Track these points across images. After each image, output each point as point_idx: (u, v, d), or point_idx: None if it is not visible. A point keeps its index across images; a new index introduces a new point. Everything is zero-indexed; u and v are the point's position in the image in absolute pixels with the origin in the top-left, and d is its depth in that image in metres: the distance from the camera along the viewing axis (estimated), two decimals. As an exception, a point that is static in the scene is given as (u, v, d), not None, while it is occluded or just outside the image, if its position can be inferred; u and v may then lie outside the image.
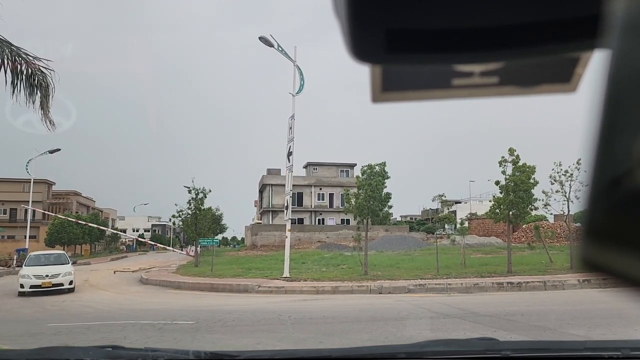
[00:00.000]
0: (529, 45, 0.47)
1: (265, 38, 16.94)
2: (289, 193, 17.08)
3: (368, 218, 16.46)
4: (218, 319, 9.27)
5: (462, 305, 10.34)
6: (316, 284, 14.43)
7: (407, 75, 0.56)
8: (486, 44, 0.47)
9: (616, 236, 0.35)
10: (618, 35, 0.36)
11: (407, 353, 2.16)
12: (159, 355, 2.18)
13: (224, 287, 15.26)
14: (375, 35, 0.46)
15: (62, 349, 2.55)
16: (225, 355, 2.21)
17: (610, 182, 0.35)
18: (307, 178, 53.30)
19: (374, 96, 0.56)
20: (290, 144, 17.10)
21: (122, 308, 12.00)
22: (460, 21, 0.46)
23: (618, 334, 7.32)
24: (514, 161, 16.11)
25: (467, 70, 0.53)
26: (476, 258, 22.05)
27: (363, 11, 0.45)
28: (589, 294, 11.68)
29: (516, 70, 0.54)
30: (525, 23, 0.45)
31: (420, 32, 0.47)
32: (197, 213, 24.29)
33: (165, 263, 31.00)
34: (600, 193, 0.36)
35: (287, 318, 9.27)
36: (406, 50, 0.48)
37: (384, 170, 16.66)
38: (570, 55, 0.50)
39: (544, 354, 2.25)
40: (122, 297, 14.60)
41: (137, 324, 9.16)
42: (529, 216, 18.64)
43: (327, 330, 8.09)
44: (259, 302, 12.31)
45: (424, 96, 0.56)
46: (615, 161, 0.35)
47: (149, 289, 16.62)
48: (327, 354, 2.36)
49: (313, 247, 38.45)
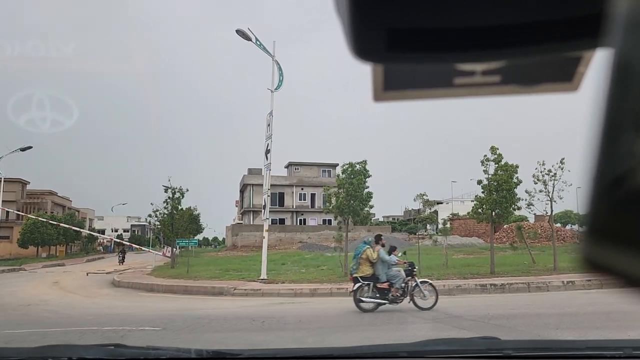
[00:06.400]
0: (531, 44, 0.46)
1: (242, 31, 16.34)
2: (266, 192, 16.51)
3: (348, 218, 15.98)
4: (187, 325, 8.70)
5: (444, 309, 9.92)
6: (294, 286, 13.92)
7: (409, 74, 0.55)
8: (488, 43, 0.47)
9: (619, 236, 0.36)
10: (620, 34, 0.37)
11: (409, 352, 2.17)
12: (160, 353, 2.21)
13: (198, 290, 14.66)
14: (377, 34, 0.46)
15: (64, 347, 2.51)
16: (227, 354, 2.25)
17: (613, 181, 0.35)
18: (289, 178, 52.78)
19: (376, 95, 0.55)
20: (269, 142, 16.53)
21: (87, 313, 11.32)
22: (462, 20, 0.45)
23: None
24: (496, 160, 15.80)
25: (469, 69, 0.52)
26: (458, 259, 21.77)
27: (365, 10, 0.44)
28: (575, 296, 11.38)
29: (518, 69, 0.53)
30: (528, 22, 0.45)
31: (422, 31, 0.47)
32: (173, 213, 23.59)
33: (142, 264, 30.24)
34: (603, 192, 0.36)
35: (261, 324, 8.73)
36: (408, 49, 0.47)
37: (364, 168, 16.21)
38: (572, 54, 0.50)
39: (546, 353, 2.23)
40: (90, 301, 13.89)
41: (99, 330, 8.54)
42: (512, 216, 18.37)
43: (301, 337, 7.59)
44: (233, 305, 11.75)
45: (426, 95, 0.55)
46: (618, 160, 0.35)
47: (120, 292, 15.91)
48: (329, 352, 2.37)
49: (294, 248, 37.93)
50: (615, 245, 0.35)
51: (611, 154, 0.35)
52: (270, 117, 16.80)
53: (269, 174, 17.02)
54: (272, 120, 16.71)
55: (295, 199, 52.01)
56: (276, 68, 16.95)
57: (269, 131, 16.72)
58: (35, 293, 15.64)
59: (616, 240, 0.35)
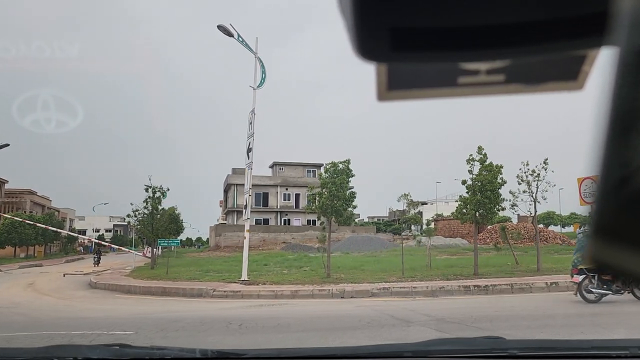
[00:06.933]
0: (536, 42, 0.46)
1: (224, 27, 15.96)
2: (248, 192, 16.17)
3: (331, 218, 15.71)
4: (161, 328, 8.35)
5: (427, 311, 9.71)
6: (275, 288, 13.61)
7: (413, 73, 0.55)
8: (492, 41, 0.46)
9: (625, 235, 0.36)
10: (625, 32, 0.37)
11: (413, 352, 2.16)
12: (165, 353, 2.21)
13: (176, 291, 14.27)
14: (380, 34, 0.46)
15: (69, 347, 2.51)
16: (231, 354, 2.24)
17: (619, 180, 0.36)
18: (273, 178, 52.42)
19: (380, 95, 0.55)
20: (250, 140, 16.17)
21: (58, 316, 10.89)
22: (466, 19, 0.45)
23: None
24: (481, 160, 15.66)
25: (473, 68, 0.52)
26: (442, 259, 21.65)
27: (369, 10, 0.44)
28: (558, 298, 11.25)
29: (523, 68, 0.53)
30: (532, 20, 0.45)
31: (426, 30, 0.46)
32: (154, 212, 23.10)
33: (122, 265, 29.70)
34: (609, 191, 0.36)
35: (237, 327, 8.41)
36: (412, 48, 0.47)
37: (348, 168, 15.94)
38: (577, 52, 0.50)
39: (551, 352, 2.22)
40: (63, 303, 13.42)
41: (67, 335, 8.14)
42: (496, 217, 18.28)
43: (279, 341, 7.30)
44: (211, 308, 11.41)
45: (430, 94, 0.55)
46: (624, 159, 0.36)
47: (96, 294, 15.45)
48: (333, 352, 2.37)
49: (278, 248, 37.60)
50: (621, 244, 0.35)
51: (617, 153, 0.35)
52: (253, 115, 16.46)
53: (251, 173, 16.67)
54: (255, 118, 16.38)
55: (280, 199, 51.64)
56: (259, 65, 16.63)
57: (251, 129, 16.37)
58: (7, 295, 15.11)
59: (622, 239, 0.35)
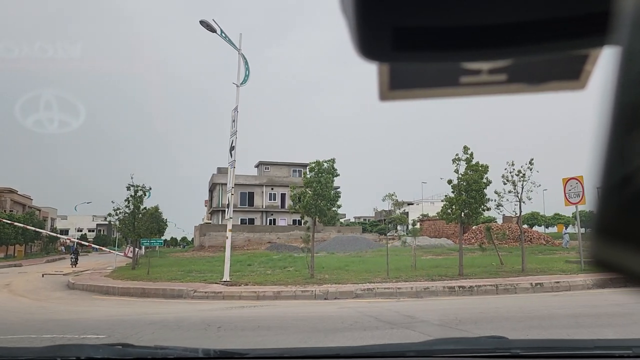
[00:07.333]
0: (538, 42, 0.46)
1: (207, 22, 15.63)
2: (230, 191, 15.83)
3: (315, 217, 15.45)
4: (136, 332, 8.05)
5: (411, 312, 9.52)
6: (257, 289, 13.33)
7: (415, 73, 0.55)
8: (494, 41, 0.46)
9: (627, 235, 0.36)
10: (628, 32, 0.37)
11: (417, 351, 2.17)
12: (168, 352, 2.21)
13: (156, 293, 13.93)
14: (382, 34, 0.46)
15: (72, 346, 2.51)
16: (234, 354, 2.23)
17: (621, 180, 0.35)
18: (259, 177, 52.02)
19: (382, 94, 0.55)
20: (233, 138, 15.85)
21: (31, 319, 10.49)
22: (468, 18, 0.45)
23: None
24: (467, 160, 15.54)
25: (475, 67, 0.52)
26: (427, 260, 21.55)
27: (370, 9, 0.44)
28: (543, 299, 11.15)
29: (525, 67, 0.53)
30: (534, 20, 0.45)
31: (428, 30, 0.46)
32: (135, 212, 22.64)
33: (103, 265, 29.18)
34: (611, 191, 0.36)
35: (216, 329, 8.14)
36: (414, 48, 0.47)
37: (332, 167, 15.69)
38: (579, 52, 0.50)
39: (554, 352, 2.22)
40: (38, 304, 13.00)
41: (37, 338, 7.81)
42: (481, 217, 18.19)
43: (258, 345, 7.04)
44: (191, 309, 11.10)
45: (432, 94, 0.55)
46: (626, 159, 0.36)
47: (73, 295, 15.03)
48: (337, 352, 2.37)
49: (263, 248, 37.26)
50: (624, 244, 0.35)
51: (619, 153, 0.35)
52: (236, 112, 16.14)
53: (234, 171, 16.35)
54: (237, 115, 16.07)
55: (265, 199, 51.26)
56: (242, 62, 16.32)
57: (234, 127, 16.05)
58: (-19, 296, 14.65)
59: (625, 239, 0.35)
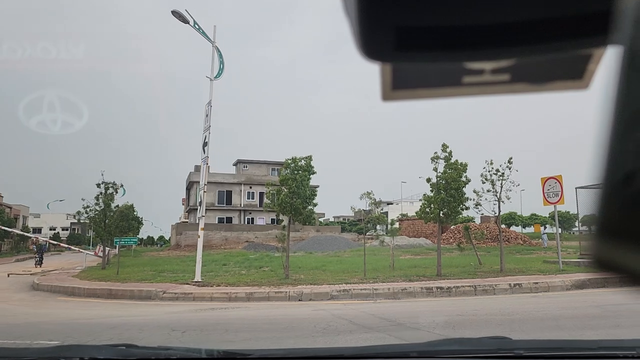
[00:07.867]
0: (541, 42, 0.46)
1: (179, 13, 15.02)
2: (203, 187, 15.30)
3: (290, 216, 15.00)
4: (93, 337, 7.50)
5: (387, 315, 9.16)
6: (229, 290, 12.83)
7: (418, 73, 0.55)
8: (497, 41, 0.46)
9: (629, 234, 0.36)
10: (630, 31, 0.37)
11: (420, 352, 2.19)
12: (171, 353, 2.25)
13: (123, 294, 13.33)
14: (385, 34, 0.46)
15: (75, 347, 2.48)
16: (237, 354, 2.28)
17: (623, 179, 0.35)
18: (237, 176, 51.28)
19: (384, 95, 0.55)
20: (206, 134, 15.30)
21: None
22: (471, 18, 0.45)
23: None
24: (446, 158, 15.27)
25: (478, 67, 0.52)
26: (405, 260, 21.30)
27: (373, 10, 0.44)
28: (521, 300, 10.90)
29: (528, 67, 0.53)
30: (537, 19, 0.45)
31: (430, 30, 0.46)
32: (106, 210, 21.89)
33: (73, 264, 28.35)
34: (613, 190, 0.36)
35: (180, 334, 7.65)
36: (416, 48, 0.47)
37: (309, 165, 15.25)
38: (582, 51, 0.50)
39: (558, 352, 2.22)
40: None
41: (-16, 345, 7.22)
42: (459, 217, 17.97)
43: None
44: (158, 311, 10.56)
45: (435, 94, 0.55)
46: (628, 158, 0.35)
47: (36, 297, 14.31)
48: (340, 352, 2.37)
49: (240, 248, 36.66)
50: (625, 243, 0.35)
51: (621, 152, 0.35)
52: (209, 107, 15.59)
53: (207, 168, 15.80)
54: (211, 110, 15.53)
55: (243, 198, 50.56)
56: (216, 55, 15.77)
57: (207, 122, 15.50)
58: (-64, 298, 13.84)
59: (627, 238, 0.35)
